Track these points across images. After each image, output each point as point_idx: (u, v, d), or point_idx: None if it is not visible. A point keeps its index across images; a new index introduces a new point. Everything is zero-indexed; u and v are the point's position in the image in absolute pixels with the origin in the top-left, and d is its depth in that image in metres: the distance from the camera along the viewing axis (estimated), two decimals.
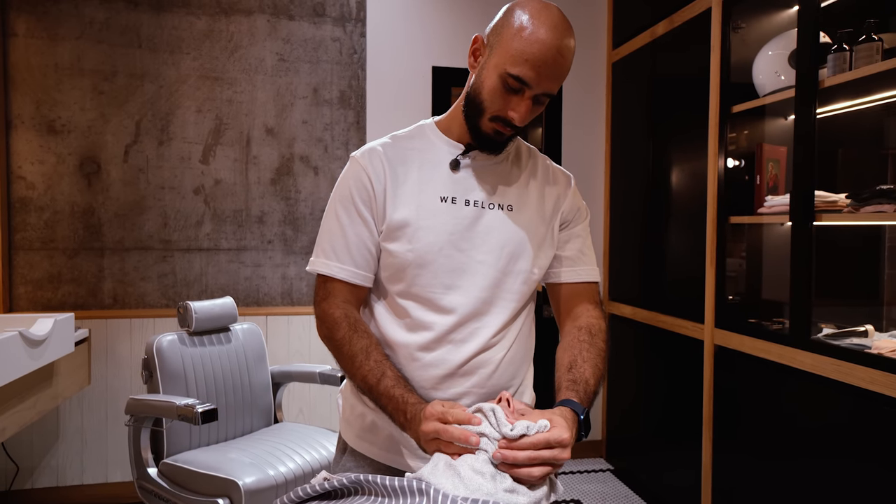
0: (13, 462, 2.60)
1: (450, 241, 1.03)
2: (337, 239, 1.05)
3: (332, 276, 1.04)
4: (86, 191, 2.70)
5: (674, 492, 2.59)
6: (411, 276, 1.02)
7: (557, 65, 0.96)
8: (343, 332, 1.02)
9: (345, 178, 1.08)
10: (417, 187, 1.05)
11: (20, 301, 2.65)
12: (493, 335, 1.05)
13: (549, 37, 0.95)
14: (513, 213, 1.07)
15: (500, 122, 1.00)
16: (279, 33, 2.86)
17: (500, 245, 1.05)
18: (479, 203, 1.05)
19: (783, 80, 2.03)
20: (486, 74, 0.99)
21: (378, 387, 0.97)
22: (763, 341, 2.03)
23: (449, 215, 1.03)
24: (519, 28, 0.96)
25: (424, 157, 1.08)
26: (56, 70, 2.65)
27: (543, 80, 0.96)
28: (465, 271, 1.03)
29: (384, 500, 0.79)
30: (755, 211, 2.16)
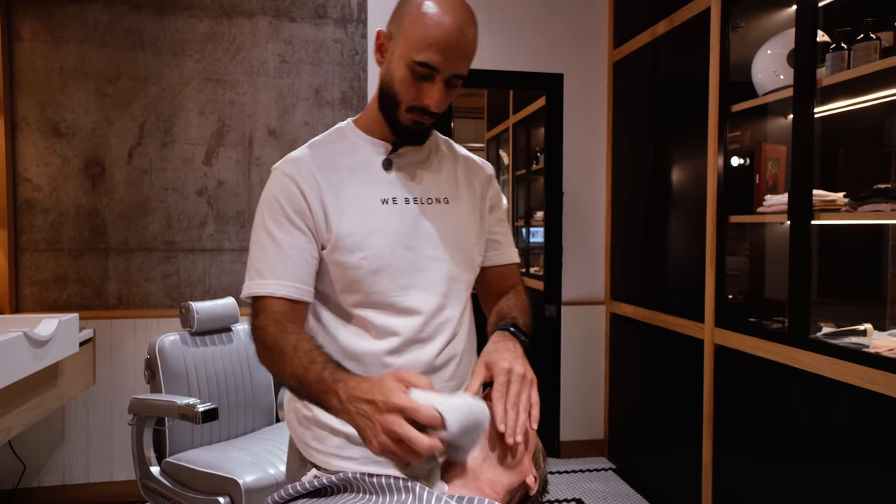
0: (20, 461, 2.64)
1: (400, 243, 1.02)
2: (271, 255, 1.00)
3: (266, 295, 0.98)
4: (90, 192, 2.73)
5: (675, 491, 2.59)
6: (368, 284, 1.01)
7: (461, 45, 0.96)
8: (271, 336, 0.94)
9: (270, 191, 1.03)
10: (356, 193, 1.02)
11: (26, 301, 2.68)
12: (455, 327, 1.07)
13: (449, 18, 0.95)
14: (449, 205, 1.08)
15: (417, 111, 0.99)
16: (281, 35, 2.88)
17: (446, 238, 1.06)
18: (419, 200, 1.05)
19: (782, 79, 2.03)
20: (395, 66, 0.98)
21: (307, 375, 0.87)
22: (762, 340, 2.03)
23: (394, 216, 1.02)
24: (418, 15, 0.95)
25: (353, 160, 1.05)
26: (61, 73, 2.68)
27: (451, 62, 0.96)
28: (420, 269, 1.03)
29: (372, 497, 0.80)
30: (755, 210, 2.15)
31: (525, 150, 4.34)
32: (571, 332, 3.26)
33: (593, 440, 3.29)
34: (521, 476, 0.91)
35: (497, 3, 3.12)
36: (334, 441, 1.02)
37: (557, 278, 3.26)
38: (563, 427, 3.26)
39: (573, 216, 3.26)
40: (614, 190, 3.21)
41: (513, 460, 0.89)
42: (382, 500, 0.79)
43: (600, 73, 3.24)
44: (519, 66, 3.16)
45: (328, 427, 1.02)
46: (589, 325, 3.27)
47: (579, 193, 3.26)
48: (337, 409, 0.83)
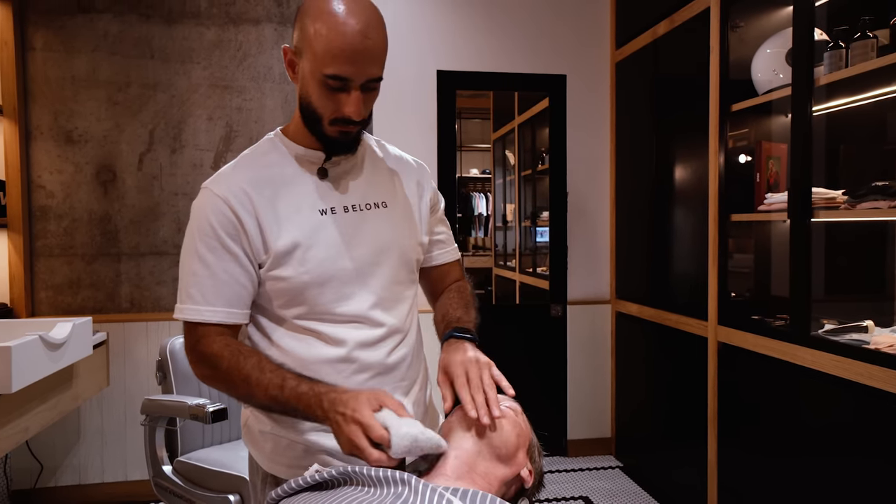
0: (37, 461, 2.70)
1: (341, 253, 1.01)
2: (204, 281, 0.98)
3: (203, 322, 0.98)
4: (102, 198, 2.79)
5: (681, 489, 2.61)
6: (312, 296, 1.00)
7: (367, 49, 0.93)
8: (227, 360, 0.97)
9: (202, 212, 0.99)
10: (293, 206, 1.00)
11: (41, 306, 2.75)
12: (400, 327, 1.08)
13: (350, 24, 0.91)
14: (388, 209, 1.08)
15: (341, 122, 0.98)
16: (286, 41, 2.93)
17: (387, 244, 1.06)
18: (357, 206, 1.04)
19: (781, 78, 2.05)
20: (307, 82, 0.96)
21: (283, 392, 0.93)
22: (765, 338, 2.04)
23: (333, 227, 1.01)
24: (318, 27, 0.92)
25: (286, 172, 1.03)
26: (73, 82, 2.75)
27: (361, 69, 0.93)
28: (363, 277, 1.03)
29: (370, 489, 0.83)
30: (756, 209, 2.17)
31: (531, 151, 4.37)
32: (577, 331, 3.28)
33: (600, 438, 3.31)
34: (516, 469, 0.94)
35: (499, 6, 3.15)
36: (294, 451, 1.04)
37: (563, 278, 3.28)
38: (570, 425, 3.28)
39: (578, 216, 3.28)
40: (618, 189, 3.23)
41: (501, 442, 0.93)
42: (380, 492, 0.82)
43: (603, 74, 3.26)
44: (522, 67, 3.19)
45: (286, 439, 1.04)
46: (595, 325, 3.29)
47: (583, 193, 3.28)
48: (320, 417, 0.91)
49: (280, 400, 0.93)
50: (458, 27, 3.12)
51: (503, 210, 5.34)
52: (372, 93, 0.98)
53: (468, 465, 0.90)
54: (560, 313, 3.27)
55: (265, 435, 1.07)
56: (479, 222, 6.31)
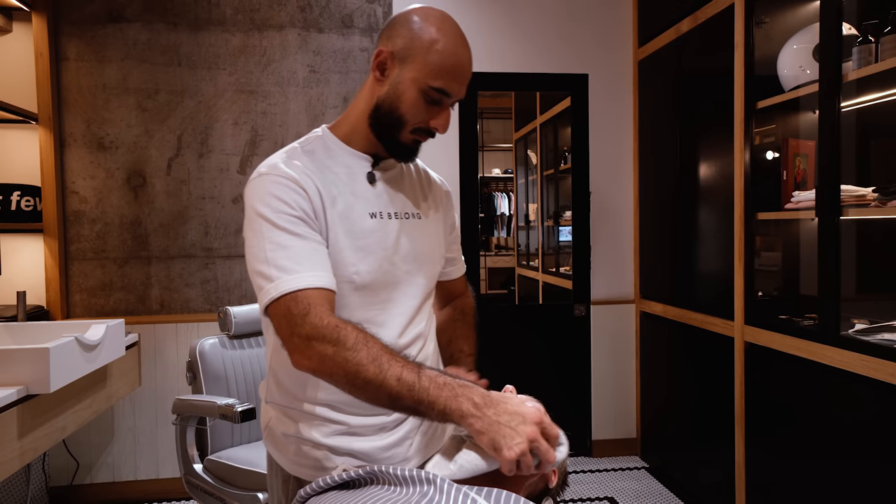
0: (74, 458, 2.78)
1: (385, 258, 1.02)
2: (296, 251, 0.92)
3: (304, 288, 0.89)
4: (133, 203, 2.87)
5: (708, 489, 2.58)
6: (350, 298, 1.00)
7: (468, 73, 1.02)
8: (353, 334, 0.87)
9: (270, 195, 0.95)
10: (347, 205, 1.01)
11: (76, 308, 2.83)
12: (423, 333, 1.11)
13: (460, 48, 1.00)
14: (421, 220, 1.11)
15: (422, 132, 1.02)
16: (310, 46, 2.97)
17: (420, 253, 1.09)
18: (398, 215, 1.07)
19: (808, 74, 2.01)
20: (404, 88, 0.98)
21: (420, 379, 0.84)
22: (793, 338, 2.01)
23: (381, 232, 1.03)
24: (431, 42, 0.97)
25: (339, 170, 1.03)
26: (104, 90, 2.83)
27: (461, 89, 1.01)
28: (398, 284, 1.05)
29: (396, 488, 0.85)
30: (783, 207, 2.14)
31: (553, 150, 4.35)
32: (601, 331, 3.26)
33: (626, 439, 3.29)
34: (540, 469, 0.95)
35: (521, 6, 3.15)
36: (318, 454, 1.03)
37: (586, 278, 3.26)
38: (594, 426, 3.26)
39: (601, 215, 3.26)
40: (642, 188, 3.21)
41: None
42: (407, 491, 0.83)
43: (625, 73, 3.24)
44: (544, 67, 3.18)
45: (311, 443, 1.03)
46: (619, 324, 3.27)
47: (607, 192, 3.26)
48: (468, 413, 0.82)
49: (415, 386, 0.83)
50: (481, 28, 3.13)
51: (525, 210, 5.33)
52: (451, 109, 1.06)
53: None
54: (584, 313, 3.26)
55: (289, 438, 1.05)
56: (502, 222, 6.31)
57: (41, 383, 1.72)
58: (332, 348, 0.86)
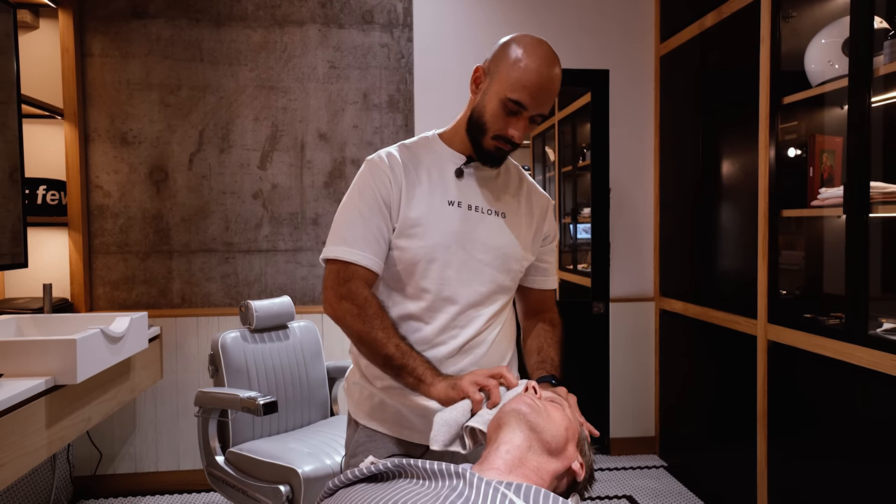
0: (97, 449, 2.83)
1: (456, 241, 1.17)
2: (357, 229, 1.15)
3: (354, 262, 1.14)
4: (155, 197, 2.90)
5: (729, 489, 2.55)
6: (422, 270, 1.16)
7: (548, 90, 1.12)
8: (375, 307, 1.13)
9: (366, 176, 1.20)
10: (429, 190, 1.18)
11: (99, 301, 2.87)
12: (486, 322, 1.21)
13: (542, 67, 1.11)
14: (506, 219, 1.23)
15: (501, 140, 1.15)
16: (330, 42, 2.98)
17: (497, 247, 1.20)
18: (480, 209, 1.21)
19: (837, 68, 1.98)
20: (489, 100, 1.15)
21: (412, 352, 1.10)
22: (818, 337, 1.98)
23: (456, 217, 1.18)
24: (515, 60, 1.11)
25: (433, 164, 1.21)
26: (128, 86, 2.86)
27: (538, 103, 1.12)
28: (469, 268, 1.18)
29: (425, 482, 0.85)
30: (809, 204, 2.10)
31: (571, 147, 4.33)
32: (620, 328, 3.24)
33: (644, 437, 3.26)
34: (567, 463, 0.95)
35: (543, 4, 3.13)
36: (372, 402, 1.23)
37: (605, 275, 3.24)
38: (612, 424, 3.25)
39: (620, 212, 3.24)
40: (662, 185, 3.18)
41: (551, 437, 0.94)
42: (435, 484, 0.83)
43: (647, 68, 3.21)
44: (564, 63, 3.11)
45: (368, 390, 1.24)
46: (638, 322, 3.25)
47: (627, 189, 3.24)
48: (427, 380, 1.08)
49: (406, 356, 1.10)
50: (499, 24, 3.11)
51: None
52: (535, 125, 1.17)
53: (519, 459, 0.91)
54: (602, 310, 3.24)
55: (354, 385, 1.28)
56: None
57: (69, 374, 1.75)
58: (357, 310, 1.13)
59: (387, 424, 1.22)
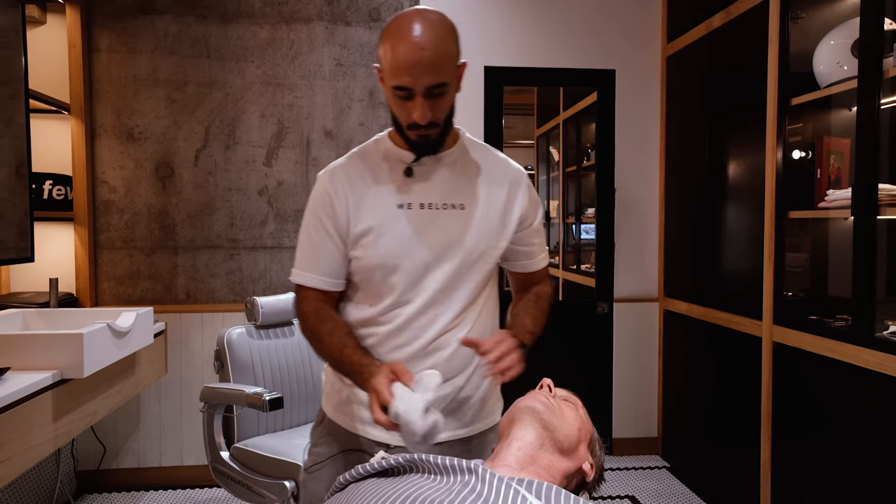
0: (101, 443, 2.83)
1: (409, 243, 1.14)
2: (306, 251, 1.20)
3: (304, 285, 1.20)
4: (161, 193, 2.90)
5: (732, 491, 2.55)
6: (379, 277, 1.16)
7: (423, 59, 1.04)
8: (313, 320, 1.18)
9: (313, 197, 1.21)
10: (377, 199, 1.16)
11: (104, 296, 2.88)
12: (451, 321, 1.17)
13: (407, 39, 1.04)
14: (465, 210, 1.17)
15: (414, 127, 1.10)
16: (336, 39, 2.98)
17: (455, 242, 1.16)
18: (434, 205, 1.16)
19: (846, 70, 1.98)
20: (387, 93, 1.12)
21: (342, 357, 1.12)
22: (824, 339, 1.98)
23: (406, 220, 1.15)
24: (386, 48, 1.07)
25: (382, 167, 1.19)
26: (134, 81, 2.86)
27: (419, 78, 1.05)
28: (426, 269, 1.15)
29: (437, 477, 0.85)
30: (816, 205, 2.10)
31: (576, 147, 4.32)
32: (624, 329, 3.24)
33: (646, 438, 3.26)
34: (577, 462, 0.95)
35: (547, 1, 3.13)
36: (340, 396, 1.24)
37: (609, 275, 3.24)
38: (615, 424, 3.25)
39: (625, 212, 3.24)
40: (667, 185, 3.17)
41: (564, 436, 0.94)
42: (447, 479, 0.84)
43: (653, 68, 3.21)
44: (570, 62, 3.16)
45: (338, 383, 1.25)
46: (642, 323, 3.25)
47: (631, 189, 3.24)
48: (361, 385, 1.09)
49: (339, 362, 1.14)
50: (507, 23, 3.11)
51: (546, 206, 5.31)
52: (439, 98, 1.09)
53: (531, 456, 0.91)
54: (606, 311, 3.24)
55: (327, 379, 1.30)
56: None
57: (75, 368, 1.75)
58: (303, 325, 1.20)
59: (349, 420, 1.23)
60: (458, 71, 1.13)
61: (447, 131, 1.16)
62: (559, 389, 1.04)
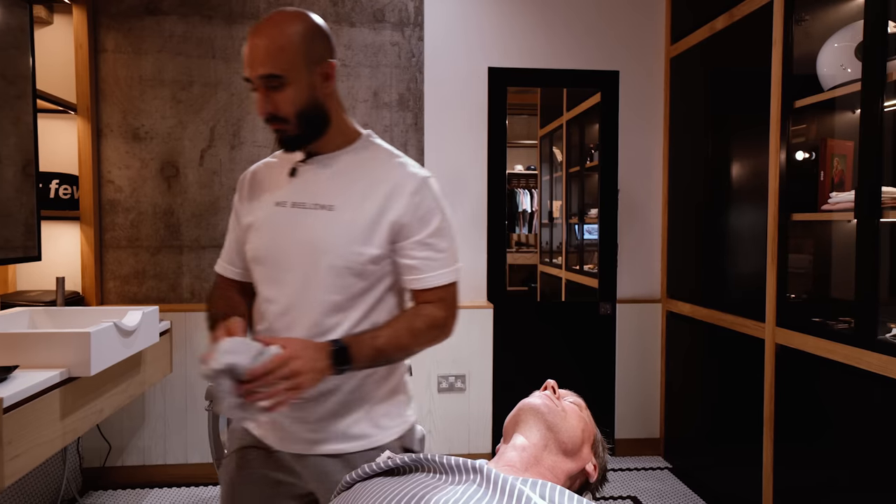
0: (106, 441, 2.85)
1: (274, 240, 1.17)
2: (225, 243, 1.33)
3: (217, 272, 1.33)
4: (166, 193, 2.92)
5: (734, 493, 2.56)
6: (254, 270, 1.23)
7: (257, 49, 1.08)
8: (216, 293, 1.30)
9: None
10: (263, 196, 1.22)
11: (109, 295, 2.89)
12: (311, 328, 1.14)
13: (252, 32, 1.10)
14: (333, 212, 1.14)
15: (266, 121, 1.14)
16: (341, 40, 2.99)
17: (313, 243, 1.14)
18: (305, 204, 1.16)
19: (850, 72, 1.98)
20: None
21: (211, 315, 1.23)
22: (827, 341, 1.99)
23: (277, 218, 1.18)
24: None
25: (278, 168, 1.24)
26: (140, 82, 2.88)
27: (253, 68, 1.09)
28: (286, 267, 1.16)
29: (442, 476, 0.86)
30: (819, 208, 2.11)
31: (579, 147, 4.33)
32: (626, 329, 3.25)
33: (649, 439, 3.27)
34: (581, 463, 0.96)
35: (551, 2, 3.14)
36: None
37: (612, 276, 3.25)
38: (617, 425, 3.25)
39: (628, 213, 3.24)
40: (671, 187, 3.18)
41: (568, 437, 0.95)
42: (452, 478, 0.85)
43: (657, 70, 3.21)
44: (574, 63, 3.17)
45: None
46: (644, 323, 3.25)
47: (635, 190, 3.24)
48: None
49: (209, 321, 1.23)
50: (510, 24, 3.12)
51: (549, 207, 5.31)
52: (278, 91, 1.09)
53: (535, 457, 0.93)
54: (609, 311, 3.25)
55: None
56: (524, 218, 6.30)
57: (82, 366, 1.77)
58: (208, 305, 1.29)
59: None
60: (320, 69, 1.12)
61: (314, 130, 1.15)
62: (563, 391, 1.05)
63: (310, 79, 1.11)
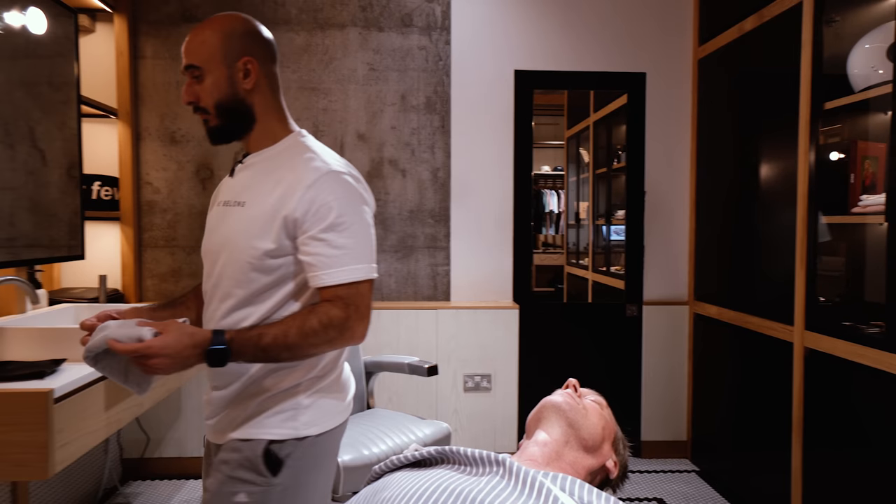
0: (145, 433, 2.96)
1: (207, 237, 1.28)
2: None
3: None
4: (201, 194, 3.02)
5: (762, 497, 2.54)
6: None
7: (186, 42, 1.21)
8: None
9: None
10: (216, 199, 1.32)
11: (148, 293, 3.00)
12: (223, 317, 1.20)
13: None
14: (242, 208, 1.20)
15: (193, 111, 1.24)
16: (370, 44, 3.05)
17: (229, 238, 1.20)
18: (228, 202, 1.24)
19: (881, 74, 1.96)
20: None
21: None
22: (857, 345, 1.97)
23: (212, 217, 1.28)
24: None
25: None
26: (177, 87, 2.98)
27: (184, 56, 1.21)
28: (210, 261, 1.25)
29: (466, 468, 0.90)
30: (849, 210, 2.09)
31: (606, 148, 4.32)
32: (653, 332, 3.24)
33: (676, 441, 3.26)
34: (601, 460, 0.99)
35: (577, 4, 3.15)
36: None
37: (639, 278, 3.25)
38: (644, 427, 3.25)
39: (655, 215, 3.24)
40: (698, 188, 3.16)
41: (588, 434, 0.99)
42: (476, 470, 0.89)
43: (685, 71, 3.20)
44: (600, 66, 3.18)
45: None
46: (671, 326, 3.24)
47: (662, 192, 3.23)
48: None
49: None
50: (536, 27, 3.14)
51: (576, 208, 5.31)
52: (197, 82, 1.20)
53: (556, 452, 0.96)
54: (636, 313, 3.24)
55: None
56: (550, 219, 6.30)
57: None
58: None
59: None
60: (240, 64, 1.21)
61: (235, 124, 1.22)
62: (585, 389, 1.08)
63: (229, 73, 1.19)
